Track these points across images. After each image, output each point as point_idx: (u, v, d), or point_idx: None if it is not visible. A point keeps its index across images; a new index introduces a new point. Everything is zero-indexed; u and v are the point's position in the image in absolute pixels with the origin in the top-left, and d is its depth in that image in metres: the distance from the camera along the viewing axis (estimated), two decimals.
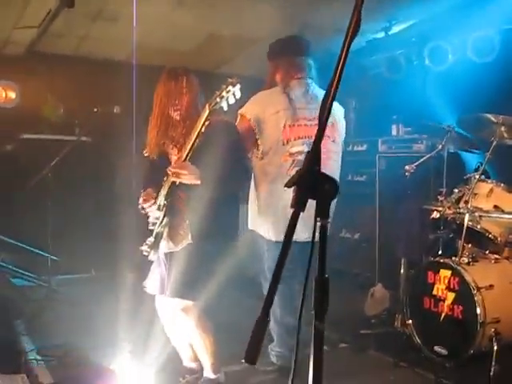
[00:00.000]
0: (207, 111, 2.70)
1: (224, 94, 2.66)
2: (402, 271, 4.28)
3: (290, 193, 3.57)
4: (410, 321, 3.91)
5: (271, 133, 3.39)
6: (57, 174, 5.24)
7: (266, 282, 3.59)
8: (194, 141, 2.77)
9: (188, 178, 2.83)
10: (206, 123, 2.73)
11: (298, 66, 3.56)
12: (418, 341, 3.81)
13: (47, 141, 5.84)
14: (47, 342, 3.79)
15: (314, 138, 3.96)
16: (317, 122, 3.98)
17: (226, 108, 2.71)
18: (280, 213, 3.33)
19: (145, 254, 3.01)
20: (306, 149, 3.37)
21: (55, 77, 5.94)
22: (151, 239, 2.99)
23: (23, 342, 3.83)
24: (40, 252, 5.44)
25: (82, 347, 3.66)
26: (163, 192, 2.94)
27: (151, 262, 3.15)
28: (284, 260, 1.29)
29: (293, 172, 3.32)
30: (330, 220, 1.35)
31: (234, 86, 2.65)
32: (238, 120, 3.47)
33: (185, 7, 5.15)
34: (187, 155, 2.81)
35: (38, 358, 3.52)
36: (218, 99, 2.67)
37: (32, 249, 5.54)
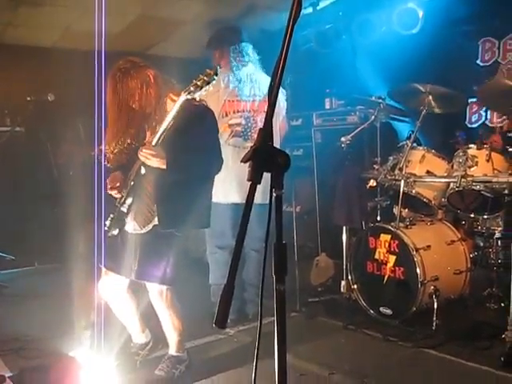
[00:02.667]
0: (182, 99, 2.71)
1: (199, 83, 2.67)
2: (344, 239, 4.44)
3: (229, 157, 3.68)
4: (355, 285, 4.10)
5: (213, 109, 3.67)
6: None
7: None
8: (166, 126, 2.78)
9: (155, 162, 2.84)
10: (178, 108, 2.73)
11: (239, 51, 4.00)
12: (364, 304, 4.01)
13: None
14: (0, 336, 3.72)
15: (250, 111, 4.15)
16: (253, 98, 4.17)
17: (198, 99, 2.79)
18: (224, 176, 3.70)
19: (106, 229, 3.00)
20: (243, 121, 3.92)
21: None
22: (112, 215, 2.98)
23: None
24: None
25: (37, 338, 3.63)
26: (132, 172, 2.94)
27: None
28: (245, 229, 1.36)
29: (231, 141, 3.91)
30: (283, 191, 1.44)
31: (210, 77, 2.67)
32: None
33: None
34: (158, 140, 2.81)
35: None
36: (192, 88, 2.69)
37: None
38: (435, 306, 3.63)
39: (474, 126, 5.27)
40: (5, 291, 4.93)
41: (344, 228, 4.47)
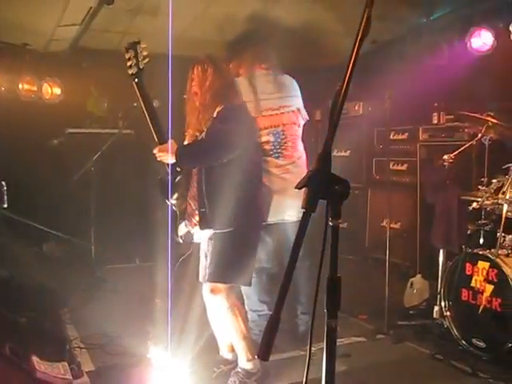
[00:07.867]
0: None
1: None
2: (440, 262, 4.22)
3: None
4: (448, 313, 3.87)
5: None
6: (100, 167, 5.36)
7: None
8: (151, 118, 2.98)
9: (166, 158, 2.98)
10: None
11: (263, 56, 3.58)
12: (456, 333, 3.77)
13: (91, 134, 5.99)
14: (90, 330, 3.91)
15: (279, 126, 3.44)
16: (282, 110, 3.51)
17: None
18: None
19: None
20: (271, 138, 3.44)
21: (98, 72, 6.06)
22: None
23: (68, 330, 3.97)
24: (84, 243, 5.59)
25: (122, 336, 3.77)
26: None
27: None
28: (295, 261, 1.30)
29: None
30: (340, 220, 1.35)
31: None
32: None
33: None
34: (157, 137, 3.01)
35: (82, 345, 3.65)
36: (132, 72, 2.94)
37: (77, 240, 5.70)
38: None
39: None
40: (104, 286, 5.16)
41: (441, 250, 4.26)
